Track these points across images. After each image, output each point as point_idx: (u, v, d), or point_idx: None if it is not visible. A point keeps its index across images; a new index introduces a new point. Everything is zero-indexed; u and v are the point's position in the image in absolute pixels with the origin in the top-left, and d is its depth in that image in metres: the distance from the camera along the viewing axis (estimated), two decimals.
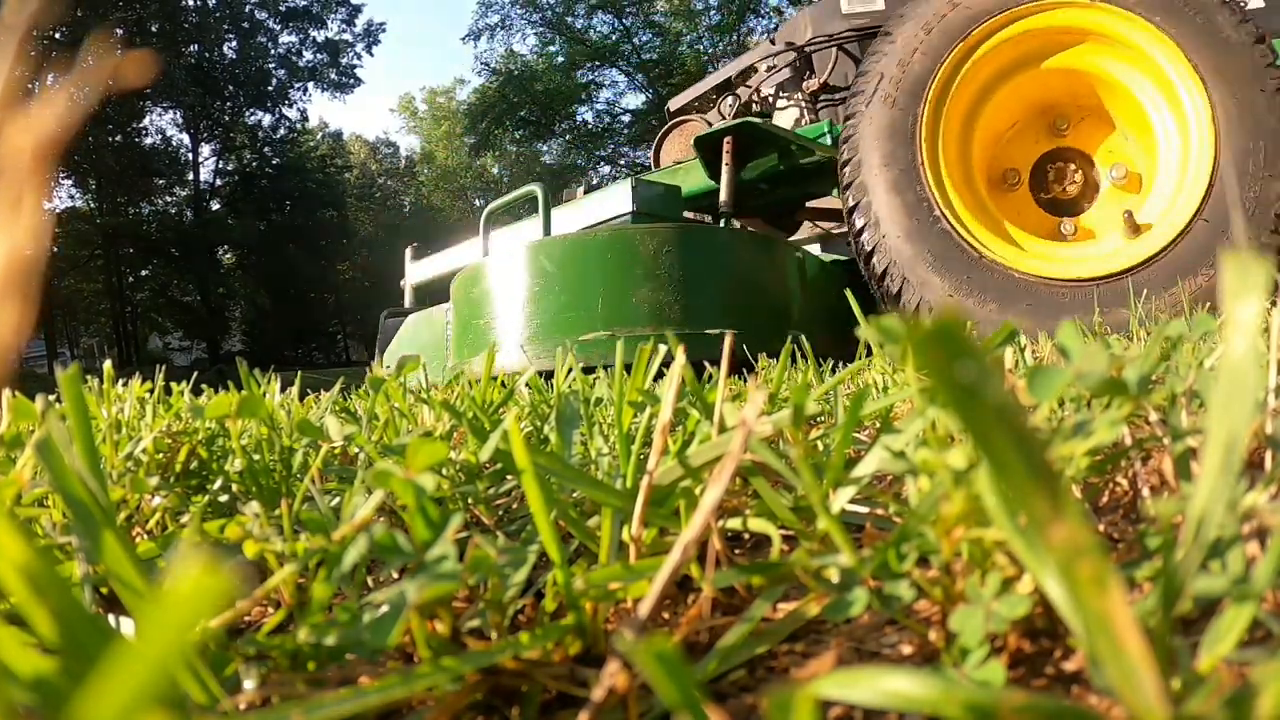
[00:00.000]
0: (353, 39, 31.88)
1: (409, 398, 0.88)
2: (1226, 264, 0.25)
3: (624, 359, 0.62)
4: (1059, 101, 2.56)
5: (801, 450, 0.41)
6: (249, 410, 0.65)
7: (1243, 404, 0.25)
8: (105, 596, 0.47)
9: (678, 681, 0.22)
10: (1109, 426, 0.39)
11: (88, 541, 0.35)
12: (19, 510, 0.57)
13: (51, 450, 0.37)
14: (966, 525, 0.36)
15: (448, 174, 39.07)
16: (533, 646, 0.37)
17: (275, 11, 29.74)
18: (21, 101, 0.21)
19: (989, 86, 2.50)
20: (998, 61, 2.45)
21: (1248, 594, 0.28)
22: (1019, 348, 0.86)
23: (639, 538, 0.44)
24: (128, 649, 0.15)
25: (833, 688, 0.21)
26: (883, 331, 0.40)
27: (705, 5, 27.76)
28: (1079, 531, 0.20)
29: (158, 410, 0.86)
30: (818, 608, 0.42)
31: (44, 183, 0.20)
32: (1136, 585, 0.39)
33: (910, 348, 0.20)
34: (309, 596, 0.41)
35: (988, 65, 2.45)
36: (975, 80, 2.47)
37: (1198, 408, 0.50)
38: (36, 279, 0.20)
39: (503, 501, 0.67)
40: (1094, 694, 0.33)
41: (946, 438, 0.38)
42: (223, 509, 0.67)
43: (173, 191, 29.25)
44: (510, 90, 27.84)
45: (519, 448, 0.40)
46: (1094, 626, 0.20)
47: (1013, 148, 2.63)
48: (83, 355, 29.26)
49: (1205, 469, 0.26)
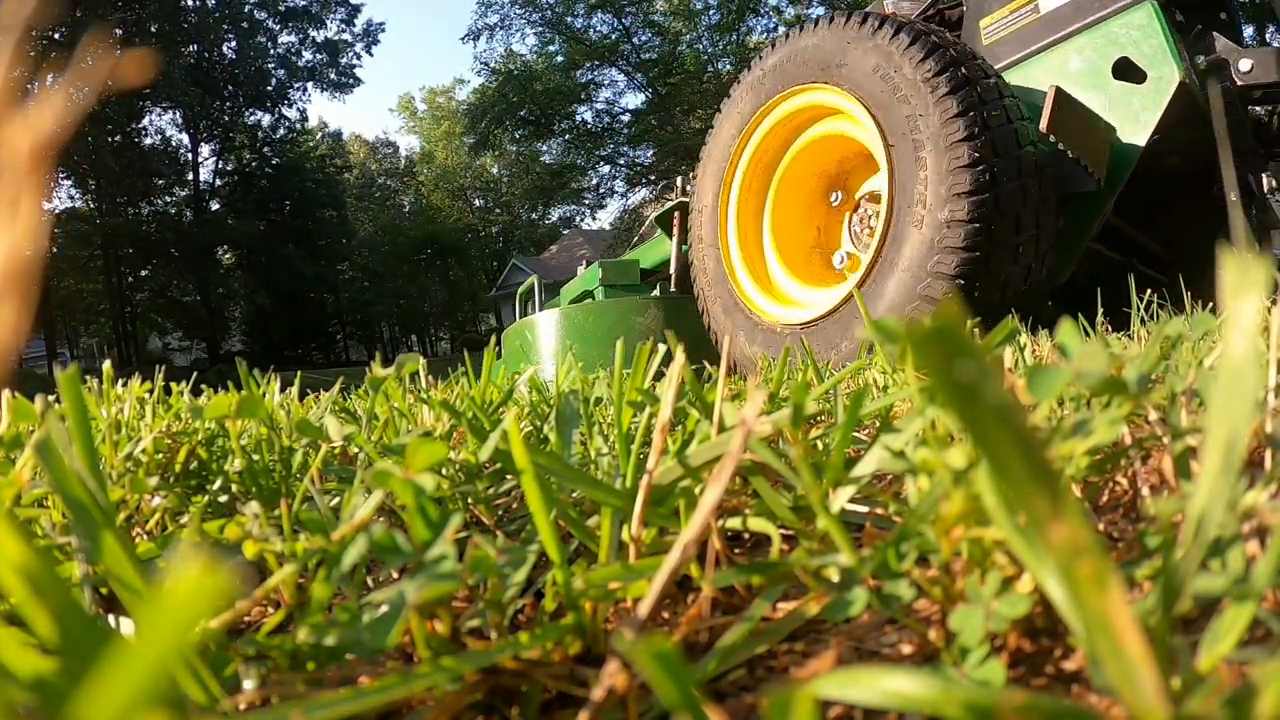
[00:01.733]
0: (352, 39, 31.94)
1: (408, 398, 0.88)
2: (1227, 263, 0.25)
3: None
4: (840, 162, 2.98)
5: (801, 450, 0.41)
6: (248, 410, 0.65)
7: (1243, 403, 0.25)
8: (105, 597, 0.47)
9: (677, 681, 0.22)
10: (1109, 426, 0.39)
11: (87, 542, 0.34)
12: (19, 511, 0.57)
13: (51, 451, 0.37)
14: (966, 524, 0.36)
15: (447, 174, 39.08)
16: (532, 646, 0.37)
17: (275, 11, 29.76)
18: (20, 102, 0.21)
19: (773, 164, 2.99)
20: (778, 139, 2.90)
21: (1248, 593, 0.28)
22: (1019, 347, 0.86)
23: (638, 537, 0.44)
24: (127, 649, 0.15)
25: (832, 687, 0.21)
26: (882, 331, 0.40)
27: (705, 5, 27.76)
28: (1079, 531, 0.20)
29: (157, 410, 0.86)
30: (817, 607, 0.42)
31: (43, 183, 0.20)
32: (1136, 584, 0.39)
33: (909, 347, 0.20)
34: (309, 596, 0.41)
35: (770, 143, 2.92)
36: (761, 160, 2.96)
37: (1197, 407, 0.50)
38: (36, 279, 0.20)
39: (502, 501, 0.67)
40: (1094, 693, 0.33)
41: (946, 437, 0.38)
42: (222, 509, 0.67)
43: (172, 192, 29.28)
44: (510, 90, 27.81)
45: (518, 447, 0.40)
46: (1094, 626, 0.20)
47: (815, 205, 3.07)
48: (82, 355, 29.28)
49: (1205, 468, 0.26)
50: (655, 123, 28.70)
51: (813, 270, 2.95)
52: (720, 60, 28.56)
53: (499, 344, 4.13)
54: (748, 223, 3.02)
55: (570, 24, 28.23)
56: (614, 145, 30.11)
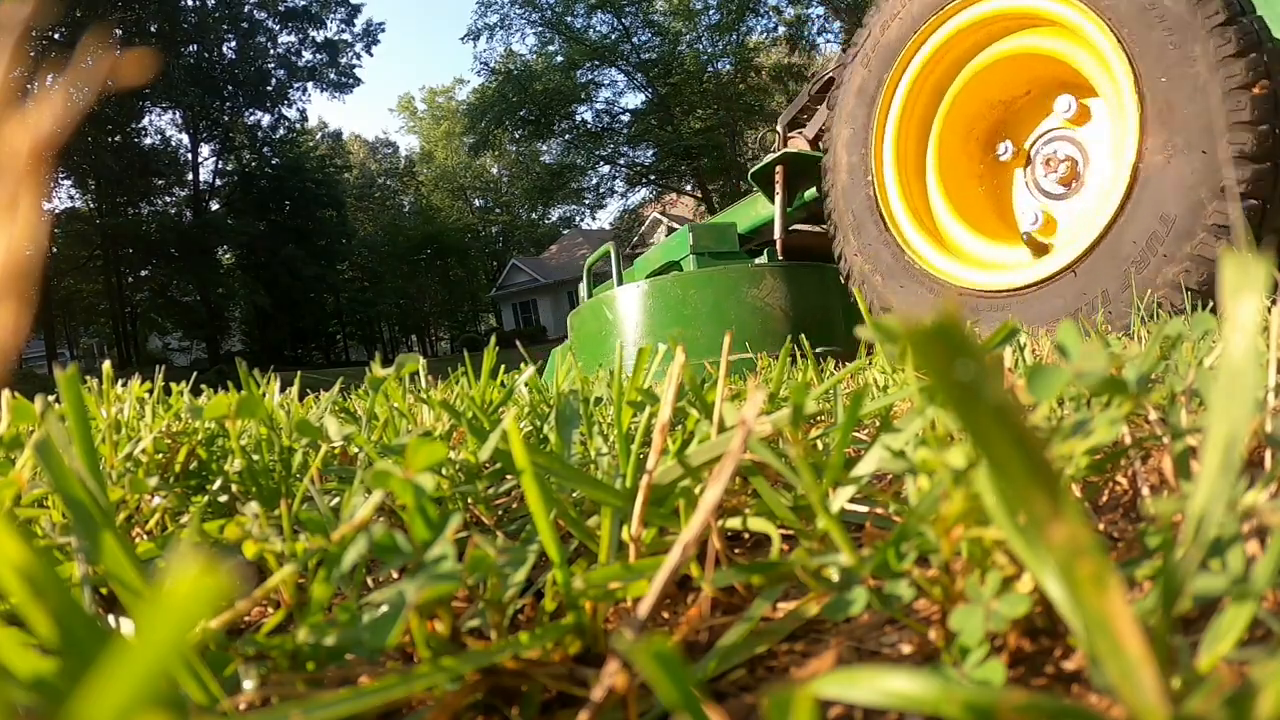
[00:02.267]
0: (352, 39, 31.94)
1: (408, 398, 0.88)
2: (1226, 263, 0.25)
3: None
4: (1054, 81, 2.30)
5: (801, 449, 0.41)
6: (248, 410, 0.65)
7: (1242, 402, 0.25)
8: (105, 597, 0.47)
9: (677, 681, 0.22)
10: (1108, 425, 0.39)
11: (87, 542, 0.34)
12: (19, 511, 0.57)
13: (51, 451, 0.37)
14: (966, 524, 0.36)
15: (447, 174, 39.10)
16: (532, 646, 0.37)
17: (274, 11, 29.76)
18: (20, 102, 0.21)
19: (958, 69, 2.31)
20: (960, 50, 2.28)
21: (1247, 593, 0.28)
22: (1018, 346, 0.86)
23: (638, 537, 0.44)
24: (126, 649, 0.15)
25: (832, 687, 0.21)
26: (882, 331, 0.40)
27: (704, 5, 27.77)
28: (1078, 530, 0.20)
29: (157, 411, 0.86)
30: (817, 607, 0.42)
31: (42, 183, 0.20)
32: (1136, 584, 0.39)
33: (909, 347, 0.20)
34: (308, 597, 0.41)
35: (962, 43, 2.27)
36: (928, 81, 2.32)
37: (1197, 406, 0.50)
38: (35, 279, 0.20)
39: (502, 501, 0.67)
40: (1094, 693, 0.33)
41: (946, 437, 0.38)
42: (222, 509, 0.67)
43: (172, 192, 29.30)
44: (509, 90, 27.82)
45: (518, 447, 0.40)
46: (1094, 625, 0.20)
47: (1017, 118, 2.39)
48: (82, 355, 29.28)
49: (1205, 468, 0.26)
50: (655, 123, 28.72)
51: (990, 223, 2.35)
52: (720, 60, 28.58)
53: (567, 328, 3.60)
54: (908, 159, 2.37)
55: (570, 24, 28.25)
56: (614, 145, 30.13)
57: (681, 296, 2.85)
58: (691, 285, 2.86)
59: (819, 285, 2.90)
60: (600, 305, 3.11)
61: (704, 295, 2.83)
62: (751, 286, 2.79)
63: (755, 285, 2.80)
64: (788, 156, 3.16)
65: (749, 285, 2.80)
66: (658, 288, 2.92)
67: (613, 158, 30.43)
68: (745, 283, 2.80)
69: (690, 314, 2.83)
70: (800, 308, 2.83)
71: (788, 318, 2.80)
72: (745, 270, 2.84)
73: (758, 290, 2.79)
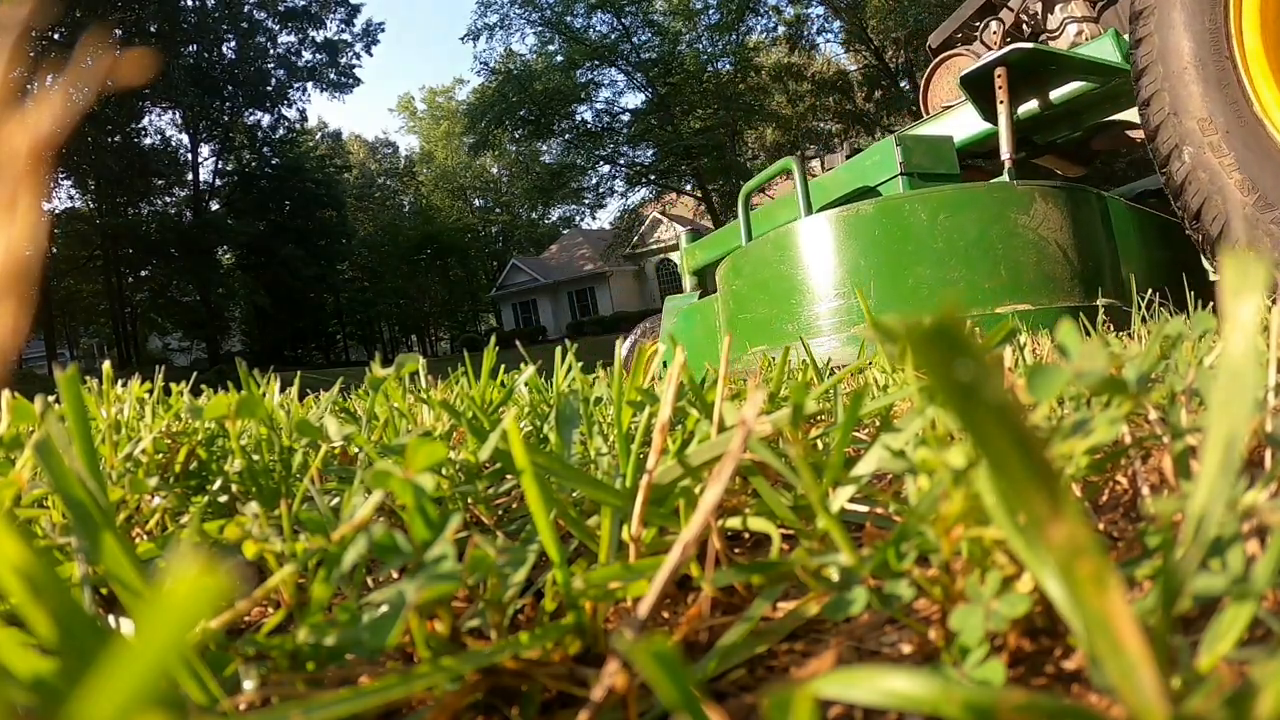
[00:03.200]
0: (351, 39, 31.96)
1: (408, 398, 0.88)
2: (1226, 263, 0.25)
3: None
4: None
5: (801, 449, 0.41)
6: (248, 411, 0.65)
7: (1242, 402, 0.25)
8: (105, 597, 0.47)
9: (677, 681, 0.22)
10: (1108, 425, 0.39)
11: (87, 542, 0.34)
12: (18, 511, 0.57)
13: (50, 451, 0.37)
14: (966, 524, 0.36)
15: (447, 174, 39.12)
16: (532, 646, 0.37)
17: (274, 11, 29.77)
18: (19, 102, 0.21)
19: None
20: None
21: (1248, 592, 0.28)
22: (1018, 346, 0.86)
23: (638, 537, 0.44)
24: (126, 649, 0.15)
25: (832, 687, 0.21)
26: (880, 330, 0.40)
27: (704, 4, 27.77)
28: (1078, 530, 0.20)
29: (157, 411, 0.86)
30: (817, 607, 0.42)
31: (42, 183, 0.20)
32: (1136, 584, 0.39)
33: (909, 346, 0.20)
34: (308, 597, 0.41)
35: None
36: None
37: (1197, 406, 0.50)
38: (35, 279, 0.20)
39: (502, 501, 0.67)
40: (1094, 693, 0.33)
41: (946, 436, 0.38)
42: (222, 509, 0.67)
43: (172, 192, 29.31)
44: (509, 90, 27.81)
45: (518, 447, 0.40)
46: (1093, 625, 0.20)
47: None
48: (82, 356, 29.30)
49: (1205, 467, 0.26)
50: (655, 122, 28.70)
51: None
52: (720, 60, 28.58)
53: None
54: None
55: (570, 24, 28.25)
56: (614, 145, 30.11)
57: (929, 224, 2.00)
58: (943, 208, 2.01)
59: (1091, 216, 2.13)
60: (784, 242, 2.19)
61: (962, 222, 2.00)
62: (1021, 213, 2.01)
63: (1025, 211, 2.01)
64: (1021, 51, 2.38)
65: (1017, 211, 2.01)
66: (887, 211, 2.05)
67: (613, 158, 30.42)
68: (1013, 208, 2.01)
69: (943, 249, 1.99)
70: (1078, 244, 2.08)
71: (1066, 258, 2.04)
72: (1012, 191, 2.04)
73: (1028, 218, 2.01)
